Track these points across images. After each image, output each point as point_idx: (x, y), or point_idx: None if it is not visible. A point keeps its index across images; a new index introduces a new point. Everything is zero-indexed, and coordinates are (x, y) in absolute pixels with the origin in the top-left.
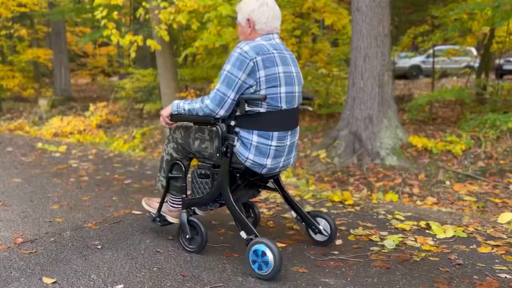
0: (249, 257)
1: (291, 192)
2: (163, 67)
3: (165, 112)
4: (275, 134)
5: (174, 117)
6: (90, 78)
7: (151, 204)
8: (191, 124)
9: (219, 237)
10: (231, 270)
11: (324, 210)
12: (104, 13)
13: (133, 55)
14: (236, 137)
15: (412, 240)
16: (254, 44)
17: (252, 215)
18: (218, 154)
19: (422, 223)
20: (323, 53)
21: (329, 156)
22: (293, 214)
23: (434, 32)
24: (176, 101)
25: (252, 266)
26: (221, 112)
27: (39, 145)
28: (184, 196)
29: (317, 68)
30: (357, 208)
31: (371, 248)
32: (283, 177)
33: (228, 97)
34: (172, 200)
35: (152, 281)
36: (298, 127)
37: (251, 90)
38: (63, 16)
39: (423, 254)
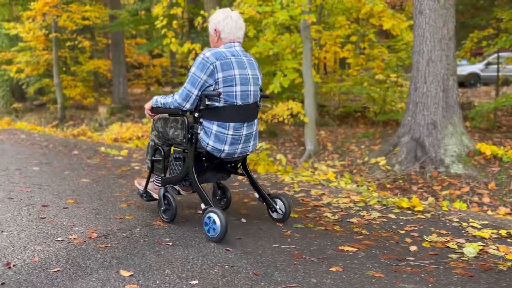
0: (203, 221)
1: (354, 198)
2: None
3: (147, 105)
4: (231, 124)
5: (154, 109)
6: (144, 88)
7: (140, 183)
8: (173, 116)
9: (286, 238)
10: (304, 271)
11: (392, 216)
12: (164, 22)
13: (190, 62)
14: (200, 126)
15: (493, 249)
16: (215, 51)
17: (225, 198)
18: (185, 140)
19: (502, 232)
20: (379, 59)
21: (389, 163)
22: (257, 195)
23: (500, 36)
24: (155, 97)
25: (204, 228)
26: (187, 106)
27: (102, 149)
28: (163, 175)
29: (373, 74)
30: (427, 215)
31: (449, 255)
32: (342, 183)
33: (192, 93)
34: (157, 180)
35: (225, 278)
36: (255, 120)
37: (211, 88)
38: (123, 27)
39: (509, 264)
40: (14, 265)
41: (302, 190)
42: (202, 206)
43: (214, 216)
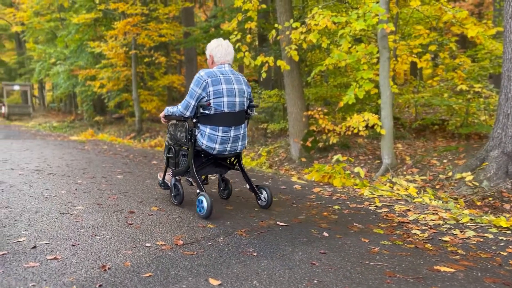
0: (197, 202)
1: (443, 215)
2: (291, 87)
3: (162, 114)
4: (221, 128)
5: (166, 117)
6: None
7: (160, 175)
8: (179, 122)
9: (374, 255)
10: None
11: (490, 236)
12: (238, 36)
13: (264, 75)
14: (197, 129)
15: None
16: (208, 71)
17: (227, 189)
18: (185, 141)
19: None
20: (461, 69)
21: (476, 179)
22: (247, 186)
23: None
24: (167, 107)
25: (196, 208)
26: (187, 113)
27: None
28: (174, 168)
29: (453, 84)
30: None
31: None
32: (426, 199)
33: (191, 104)
34: (175, 172)
35: None
36: (242, 124)
37: (204, 99)
38: (196, 44)
39: None
40: (109, 268)
41: (384, 205)
42: (198, 191)
43: (203, 198)
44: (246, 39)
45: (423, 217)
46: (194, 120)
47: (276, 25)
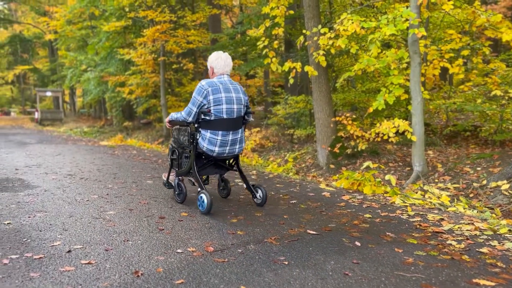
0: (198, 199)
1: (479, 225)
2: (318, 92)
3: (167, 119)
4: (220, 132)
5: (170, 122)
6: None
7: (164, 176)
8: (182, 126)
9: (409, 266)
10: None
11: None
12: (266, 42)
13: (291, 81)
14: (198, 134)
15: None
16: (209, 81)
17: (226, 189)
18: (188, 144)
19: None
20: (495, 74)
21: None
22: (244, 186)
23: None
24: (172, 113)
25: (198, 205)
26: (189, 119)
27: None
28: (177, 169)
29: (487, 89)
30: None
31: None
32: (460, 208)
33: (193, 110)
34: (179, 173)
35: None
36: (239, 129)
37: (205, 106)
38: (223, 50)
39: None
40: (142, 274)
41: (416, 214)
42: (198, 189)
43: (203, 196)
44: (273, 45)
45: (458, 227)
46: (196, 125)
47: (304, 31)
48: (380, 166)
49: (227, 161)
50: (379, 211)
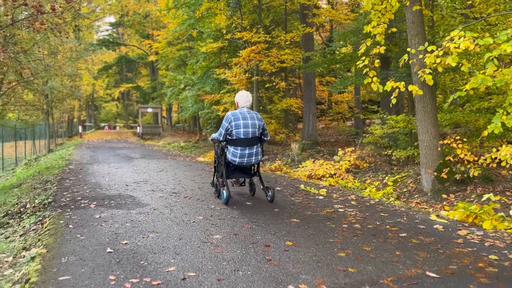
0: (220, 193)
1: None
2: (423, 113)
3: (210, 138)
4: (239, 148)
5: (212, 140)
6: (325, 123)
7: (213, 180)
8: (218, 143)
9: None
10: None
11: None
12: (366, 62)
13: (393, 101)
14: (226, 148)
15: None
16: (233, 111)
17: (252, 188)
18: (220, 155)
19: None
20: None
21: None
22: (261, 187)
23: None
24: (212, 134)
25: (220, 197)
26: (221, 138)
27: (302, 186)
28: (217, 173)
29: None
30: None
31: None
32: None
33: (222, 132)
34: (217, 176)
35: None
36: (255, 145)
37: (229, 129)
38: (316, 68)
39: None
40: None
41: None
42: (219, 186)
43: (224, 192)
44: (375, 63)
45: None
46: (224, 143)
47: (408, 49)
48: (504, 200)
49: (252, 169)
50: (505, 251)
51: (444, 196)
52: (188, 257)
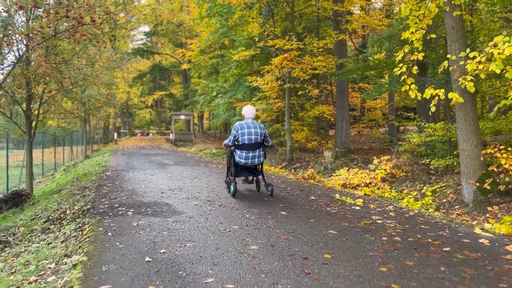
0: (228, 188)
1: None
2: (463, 121)
3: (224, 143)
4: (244, 151)
5: (224, 145)
6: (358, 130)
7: (225, 179)
8: (229, 148)
9: None
10: None
11: None
12: (404, 69)
13: (433, 109)
14: (234, 152)
15: None
16: (239, 122)
17: (258, 185)
18: (230, 157)
19: None
20: None
21: None
22: (263, 183)
23: None
24: (225, 140)
25: (227, 190)
26: (230, 144)
27: (337, 196)
28: (228, 172)
29: None
30: None
31: None
32: None
33: (231, 139)
34: (229, 175)
35: None
36: (257, 149)
37: (237, 137)
38: (350, 75)
39: None
40: None
41: None
42: (229, 182)
43: (232, 186)
44: (412, 70)
45: None
46: (233, 148)
47: (448, 56)
48: None
49: (257, 169)
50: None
51: (488, 208)
52: (226, 268)
